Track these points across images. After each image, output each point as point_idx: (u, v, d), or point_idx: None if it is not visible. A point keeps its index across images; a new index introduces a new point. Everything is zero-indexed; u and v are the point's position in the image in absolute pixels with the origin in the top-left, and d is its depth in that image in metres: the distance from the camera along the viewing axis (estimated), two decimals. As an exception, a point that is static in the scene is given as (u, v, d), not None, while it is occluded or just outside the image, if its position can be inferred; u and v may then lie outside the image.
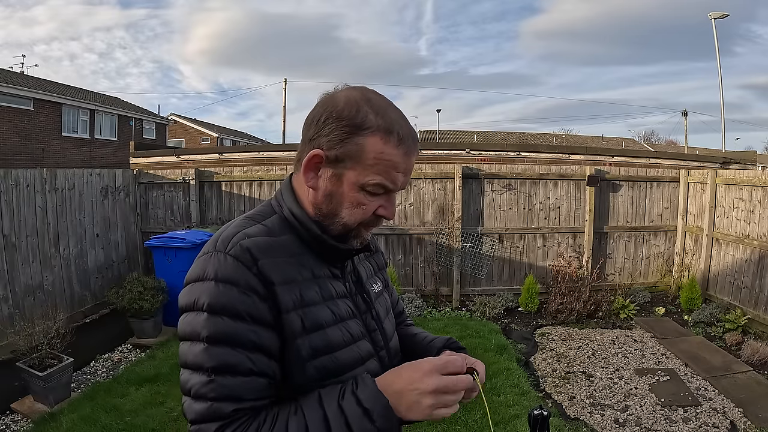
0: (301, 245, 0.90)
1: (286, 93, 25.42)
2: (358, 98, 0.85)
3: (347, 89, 0.89)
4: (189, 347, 0.79)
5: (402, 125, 0.86)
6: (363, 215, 0.88)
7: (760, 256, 4.96)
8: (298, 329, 0.83)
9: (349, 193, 0.86)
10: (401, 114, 0.89)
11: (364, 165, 0.84)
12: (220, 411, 0.75)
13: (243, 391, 0.77)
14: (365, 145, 0.83)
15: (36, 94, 15.30)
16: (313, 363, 0.84)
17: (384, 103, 0.88)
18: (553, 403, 3.66)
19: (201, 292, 0.79)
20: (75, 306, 5.25)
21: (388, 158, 0.84)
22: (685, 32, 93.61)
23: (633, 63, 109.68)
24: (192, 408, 0.77)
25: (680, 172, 6.33)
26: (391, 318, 1.09)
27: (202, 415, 0.76)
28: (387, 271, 1.20)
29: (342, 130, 0.84)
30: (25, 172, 4.75)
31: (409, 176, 0.89)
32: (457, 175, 6.07)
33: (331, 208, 0.88)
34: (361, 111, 0.84)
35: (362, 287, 1.00)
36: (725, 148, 17.65)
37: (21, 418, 3.44)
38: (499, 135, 29.72)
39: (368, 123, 0.83)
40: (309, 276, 0.88)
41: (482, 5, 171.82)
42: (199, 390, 0.76)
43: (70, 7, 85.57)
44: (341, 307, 0.91)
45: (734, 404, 3.54)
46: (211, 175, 6.45)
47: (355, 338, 0.91)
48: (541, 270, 6.24)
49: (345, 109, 0.84)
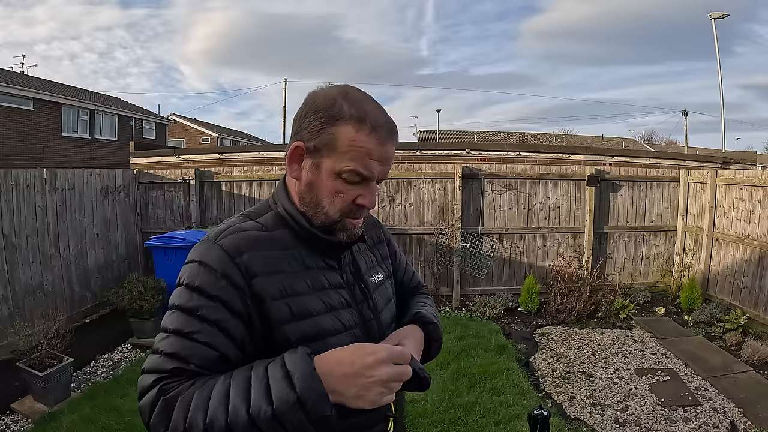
0: (294, 239, 0.95)
1: (286, 93, 25.47)
2: (336, 93, 0.91)
3: (329, 87, 0.94)
4: (167, 314, 0.87)
5: (376, 116, 0.90)
6: (342, 203, 0.92)
7: (760, 256, 4.96)
8: (286, 316, 0.88)
9: (327, 181, 0.91)
10: (378, 107, 0.93)
11: (338, 152, 0.89)
12: (164, 366, 0.81)
13: (190, 355, 0.81)
14: (339, 134, 0.88)
15: (36, 94, 15.30)
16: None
17: (361, 96, 0.92)
18: (553, 403, 3.66)
19: (185, 271, 0.88)
20: (75, 306, 5.25)
21: (360, 145, 0.88)
22: (685, 32, 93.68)
23: (633, 63, 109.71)
24: (146, 362, 0.84)
25: (680, 172, 6.33)
26: (391, 308, 1.12)
27: (149, 366, 0.82)
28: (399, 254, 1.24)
29: (318, 121, 0.90)
30: (25, 172, 4.75)
31: (386, 167, 0.93)
32: (457, 175, 6.07)
33: (313, 197, 0.93)
34: (336, 103, 0.89)
35: (361, 278, 1.04)
36: (725, 148, 17.66)
37: (21, 418, 3.44)
38: (499, 135, 29.73)
39: (342, 113, 0.88)
40: (300, 268, 0.93)
41: (484, 5, 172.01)
42: (156, 346, 0.84)
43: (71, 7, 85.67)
44: (333, 298, 0.95)
45: (734, 404, 3.54)
46: (211, 175, 6.45)
47: (347, 327, 0.95)
48: (541, 270, 6.24)
49: (323, 103, 0.90)
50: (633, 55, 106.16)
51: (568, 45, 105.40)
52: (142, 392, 0.81)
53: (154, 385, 0.80)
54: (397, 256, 1.24)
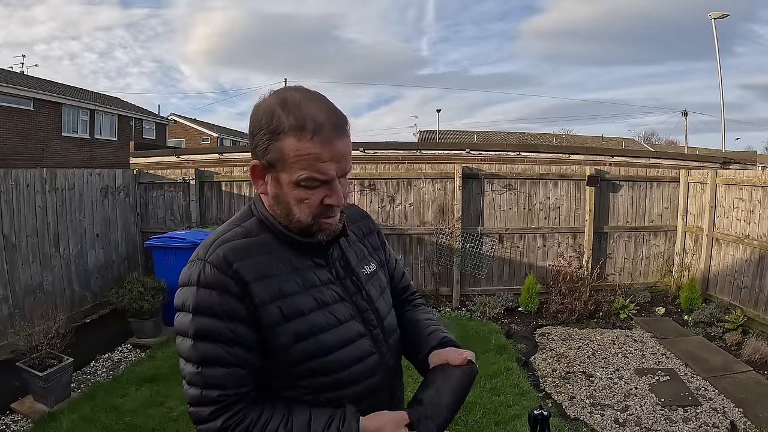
0: (278, 242, 0.98)
1: (286, 93, 25.39)
2: (274, 104, 0.91)
3: (269, 96, 0.94)
4: (182, 341, 0.92)
5: (317, 117, 0.89)
6: (310, 208, 0.94)
7: (760, 256, 4.96)
8: (277, 319, 0.92)
9: (290, 192, 0.93)
10: (320, 104, 0.91)
11: (289, 165, 0.90)
12: (209, 396, 0.89)
13: (225, 381, 0.90)
14: (283, 148, 0.89)
15: (36, 94, 15.30)
16: (297, 347, 0.93)
17: (299, 98, 0.91)
18: (553, 403, 3.66)
19: (187, 296, 0.92)
20: (75, 306, 5.25)
21: (306, 152, 0.89)
22: (685, 32, 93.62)
23: (633, 63, 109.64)
24: (188, 393, 0.92)
25: (680, 172, 6.33)
26: (387, 297, 1.13)
27: (196, 400, 0.90)
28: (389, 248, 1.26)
29: (263, 138, 0.91)
30: (25, 172, 4.75)
31: (343, 162, 0.92)
32: (457, 175, 6.06)
33: (282, 208, 0.96)
34: (275, 116, 0.89)
35: (351, 271, 1.06)
36: (725, 148, 17.66)
37: (21, 418, 3.44)
38: (499, 135, 29.72)
39: (281, 127, 0.89)
40: (288, 269, 0.96)
41: (485, 4, 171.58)
42: (191, 379, 0.91)
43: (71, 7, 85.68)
44: (325, 294, 0.98)
45: (734, 404, 3.54)
46: (211, 175, 6.45)
47: (342, 320, 0.98)
48: (541, 270, 6.24)
49: (263, 118, 0.91)
50: (634, 55, 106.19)
51: (569, 45, 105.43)
52: (201, 421, 0.91)
53: (214, 417, 0.89)
54: (386, 249, 1.25)
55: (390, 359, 1.07)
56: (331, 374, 0.96)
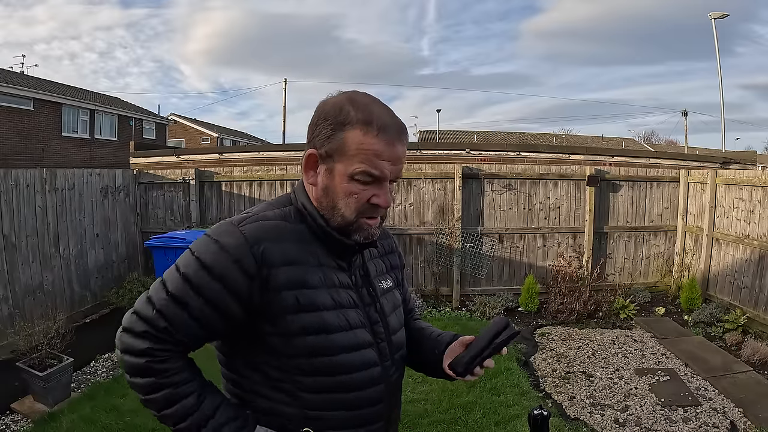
0: (311, 235, 0.99)
1: (287, 93, 25.49)
2: (343, 100, 0.95)
3: (337, 95, 0.98)
4: (171, 271, 0.94)
5: (383, 118, 0.94)
6: (357, 204, 0.95)
7: (760, 256, 4.96)
8: (291, 307, 0.92)
9: (341, 184, 0.94)
10: (386, 109, 0.97)
11: (348, 156, 0.93)
12: (156, 322, 0.90)
13: (180, 324, 0.90)
14: (347, 138, 0.92)
15: (36, 94, 15.30)
16: (305, 339, 0.93)
17: (368, 100, 0.96)
18: (553, 403, 3.66)
19: (201, 243, 0.94)
20: (75, 306, 5.25)
21: (368, 147, 0.92)
22: (685, 32, 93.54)
23: (633, 63, 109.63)
24: (140, 304, 0.93)
25: (680, 172, 6.33)
26: (399, 314, 1.15)
27: (142, 314, 0.91)
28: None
29: (328, 128, 0.94)
30: (25, 172, 4.75)
31: (398, 166, 0.96)
32: (457, 175, 6.07)
33: (329, 201, 0.97)
34: (344, 110, 0.93)
35: (369, 281, 1.07)
36: (725, 148, 17.66)
37: (21, 418, 3.44)
38: (499, 135, 29.72)
39: (349, 119, 0.92)
40: (315, 263, 0.97)
41: (486, 4, 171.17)
42: (154, 298, 0.92)
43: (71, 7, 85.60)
44: (342, 296, 0.99)
45: (734, 404, 3.54)
46: (211, 175, 6.45)
47: (353, 326, 0.99)
48: (541, 270, 6.24)
49: (331, 110, 0.95)
50: (634, 55, 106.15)
51: (569, 45, 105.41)
52: (130, 330, 0.91)
53: (144, 336, 0.89)
54: (403, 271, 1.28)
55: (394, 374, 1.08)
56: (336, 375, 0.96)
